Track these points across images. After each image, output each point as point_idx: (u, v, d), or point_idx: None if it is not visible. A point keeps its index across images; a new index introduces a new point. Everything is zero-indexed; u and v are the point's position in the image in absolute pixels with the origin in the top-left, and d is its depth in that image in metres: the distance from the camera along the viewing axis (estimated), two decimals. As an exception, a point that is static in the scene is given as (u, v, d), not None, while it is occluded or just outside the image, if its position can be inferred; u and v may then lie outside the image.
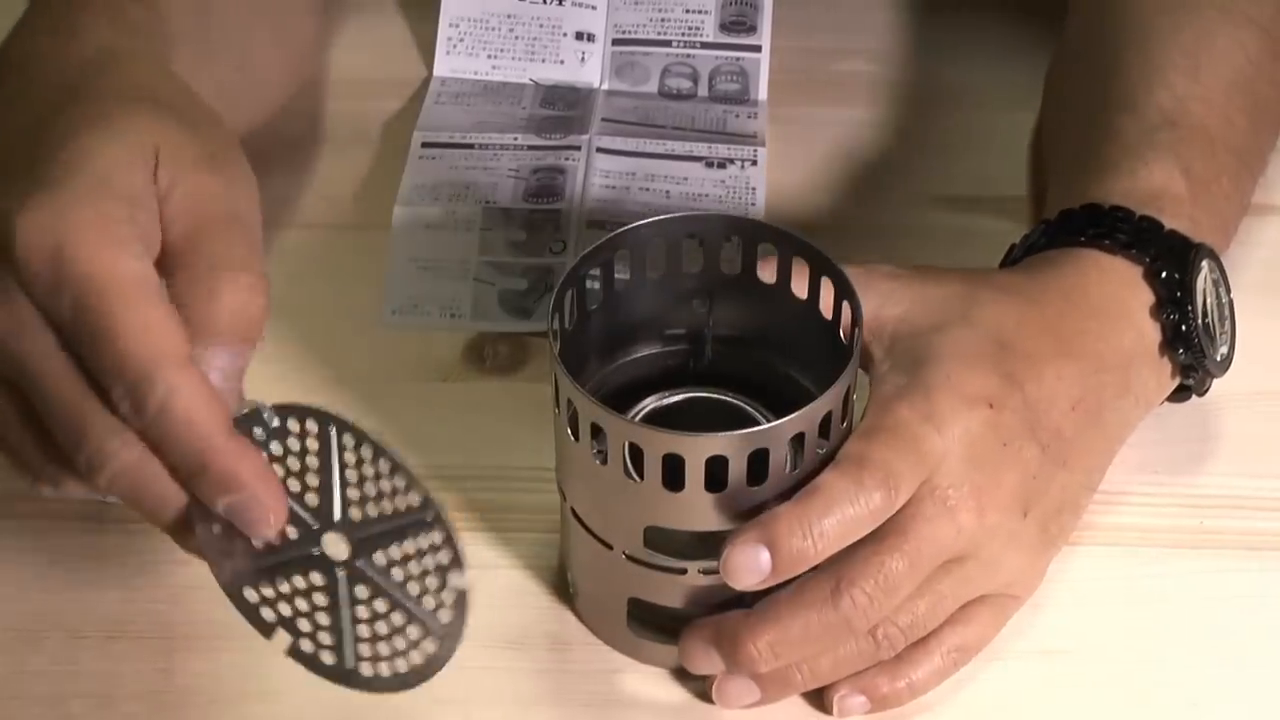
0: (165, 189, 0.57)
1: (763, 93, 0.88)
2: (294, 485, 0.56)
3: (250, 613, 0.56)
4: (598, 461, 0.60)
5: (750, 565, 0.59)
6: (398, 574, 0.55)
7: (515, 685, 0.65)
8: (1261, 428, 0.73)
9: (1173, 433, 0.72)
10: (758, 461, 0.59)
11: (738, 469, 0.59)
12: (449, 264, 0.79)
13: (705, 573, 0.61)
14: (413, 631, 0.55)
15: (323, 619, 0.56)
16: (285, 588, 0.56)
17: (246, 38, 0.77)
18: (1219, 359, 0.68)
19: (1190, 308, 0.66)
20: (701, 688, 0.64)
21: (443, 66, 0.89)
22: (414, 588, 0.55)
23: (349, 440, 0.56)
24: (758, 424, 0.63)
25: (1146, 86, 0.73)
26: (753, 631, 0.60)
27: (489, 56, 0.89)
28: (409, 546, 0.55)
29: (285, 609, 0.55)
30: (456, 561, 0.55)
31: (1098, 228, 0.67)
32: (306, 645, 0.56)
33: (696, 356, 0.67)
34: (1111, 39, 0.77)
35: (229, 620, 0.66)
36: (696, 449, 0.58)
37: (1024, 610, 0.66)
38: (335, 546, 0.56)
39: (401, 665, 0.55)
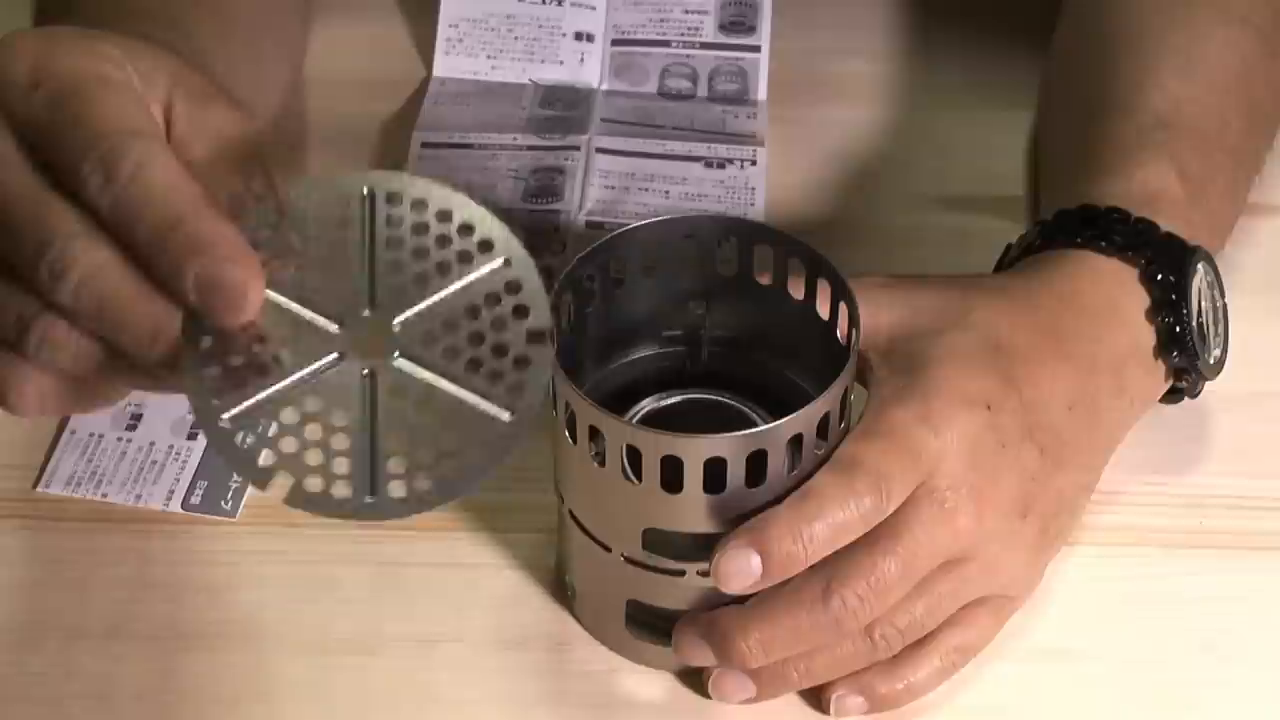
0: (179, 112, 0.56)
1: (762, 93, 0.88)
2: (303, 284, 0.50)
3: (242, 461, 0.49)
4: (596, 464, 0.60)
5: (741, 570, 0.59)
6: (443, 349, 0.49)
7: (514, 686, 0.65)
8: (1260, 428, 0.73)
9: (1171, 433, 0.72)
10: (756, 463, 0.59)
11: (736, 471, 0.59)
12: (448, 264, 0.79)
13: (703, 574, 0.61)
14: (467, 416, 0.49)
15: (340, 442, 0.49)
16: (292, 416, 0.49)
17: (256, 39, 0.78)
18: (1212, 362, 0.68)
19: (1185, 311, 0.66)
20: (700, 688, 0.64)
21: (442, 67, 0.89)
22: (470, 355, 0.49)
23: (381, 207, 0.50)
24: (755, 425, 0.63)
25: (1140, 87, 0.73)
26: (743, 628, 0.61)
27: (488, 57, 0.89)
28: (458, 301, 0.49)
29: (291, 444, 0.49)
30: (530, 309, 0.49)
31: (1094, 229, 0.68)
32: (314, 483, 0.49)
33: (693, 358, 0.67)
34: (1104, 39, 0.77)
35: (229, 620, 0.67)
36: (695, 451, 0.58)
37: (1022, 611, 0.66)
38: (362, 345, 0.50)
39: (448, 469, 0.48)
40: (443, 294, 0.50)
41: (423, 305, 0.51)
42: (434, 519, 0.70)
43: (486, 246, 0.51)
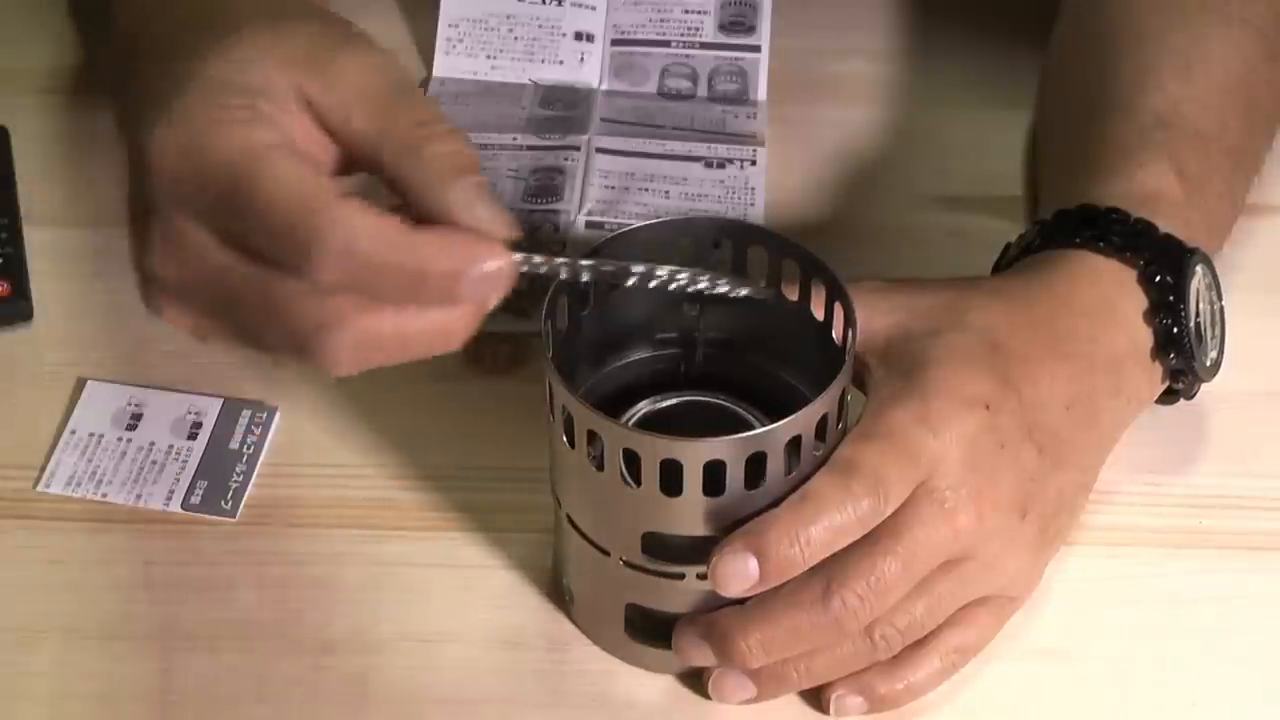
0: (315, 96, 0.57)
1: (762, 93, 0.88)
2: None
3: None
4: (594, 468, 0.60)
5: (738, 573, 0.59)
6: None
7: (512, 686, 0.65)
8: (1259, 428, 0.73)
9: (1170, 433, 0.72)
10: (755, 465, 0.59)
11: (735, 473, 0.59)
12: (448, 264, 0.79)
13: (703, 577, 0.61)
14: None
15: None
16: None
17: None
18: (1208, 364, 0.68)
19: (1183, 313, 0.66)
20: (700, 688, 0.64)
21: (442, 67, 0.89)
22: None
23: None
24: (752, 428, 0.63)
25: (1139, 88, 0.73)
26: (743, 628, 0.61)
27: (488, 57, 0.89)
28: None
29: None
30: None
31: (1093, 229, 0.68)
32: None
33: (688, 360, 0.67)
34: (1103, 40, 0.77)
35: (228, 620, 0.67)
36: (695, 454, 0.58)
37: (1022, 611, 0.66)
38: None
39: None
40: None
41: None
42: (432, 519, 0.70)
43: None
